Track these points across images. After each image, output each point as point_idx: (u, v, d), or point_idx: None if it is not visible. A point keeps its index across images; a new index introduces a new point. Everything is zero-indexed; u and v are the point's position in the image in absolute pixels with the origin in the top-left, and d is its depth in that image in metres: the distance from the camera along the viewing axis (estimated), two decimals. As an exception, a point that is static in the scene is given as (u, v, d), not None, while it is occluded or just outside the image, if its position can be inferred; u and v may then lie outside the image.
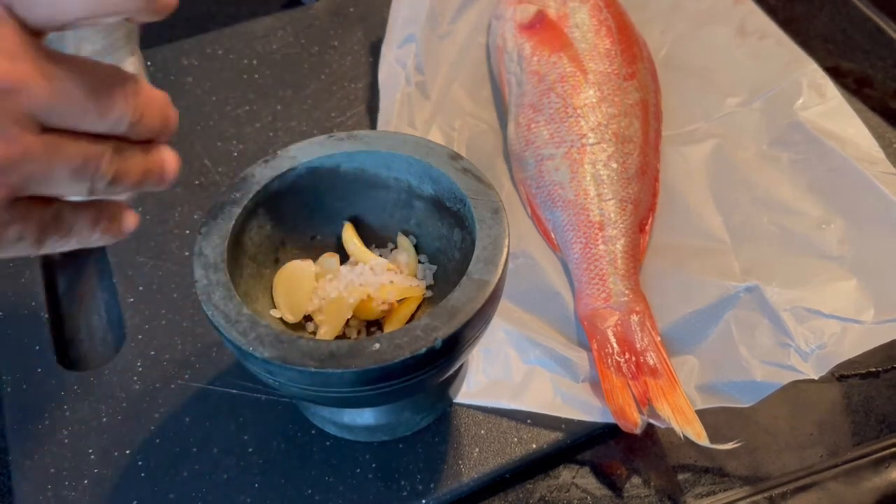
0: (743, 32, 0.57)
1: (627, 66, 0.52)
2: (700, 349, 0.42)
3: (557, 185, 0.48)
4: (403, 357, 0.31)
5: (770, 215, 0.47)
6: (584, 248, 0.46)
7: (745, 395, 0.40)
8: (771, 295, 0.43)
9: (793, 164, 0.49)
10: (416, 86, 0.54)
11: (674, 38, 0.59)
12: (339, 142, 0.39)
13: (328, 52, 0.61)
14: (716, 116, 0.53)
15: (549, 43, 0.53)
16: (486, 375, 0.42)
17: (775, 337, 0.41)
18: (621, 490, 0.40)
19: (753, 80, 0.54)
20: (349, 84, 0.59)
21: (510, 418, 0.41)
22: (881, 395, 0.43)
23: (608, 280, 0.44)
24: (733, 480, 0.40)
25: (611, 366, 0.41)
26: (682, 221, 0.48)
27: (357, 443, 0.41)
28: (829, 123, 0.50)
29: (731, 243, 0.46)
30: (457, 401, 0.42)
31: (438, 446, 0.41)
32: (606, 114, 0.50)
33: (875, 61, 0.59)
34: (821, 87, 0.52)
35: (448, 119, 0.54)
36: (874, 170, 0.47)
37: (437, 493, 0.39)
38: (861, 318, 0.41)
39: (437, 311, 0.32)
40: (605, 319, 0.43)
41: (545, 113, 0.50)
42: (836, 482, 0.40)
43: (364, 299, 0.38)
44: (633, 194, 0.47)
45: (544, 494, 0.40)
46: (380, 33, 0.57)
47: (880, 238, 0.44)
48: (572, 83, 0.51)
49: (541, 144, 0.50)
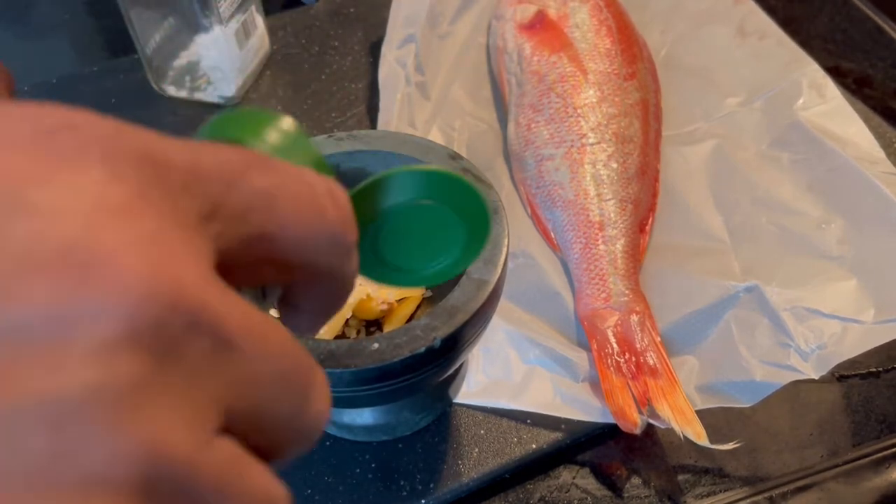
0: (743, 32, 0.57)
1: (627, 66, 0.52)
2: (700, 349, 0.42)
3: (557, 185, 0.48)
4: (403, 356, 0.31)
5: (770, 215, 0.47)
6: (584, 248, 0.46)
7: (745, 395, 0.40)
8: (771, 295, 0.43)
9: (793, 164, 0.49)
10: (417, 86, 0.54)
11: (674, 38, 0.59)
12: (339, 142, 0.39)
13: (328, 52, 0.61)
14: (716, 116, 0.53)
15: (550, 43, 0.53)
16: (486, 375, 0.42)
17: (775, 337, 0.41)
18: (621, 490, 0.40)
19: (753, 80, 0.54)
20: (349, 84, 0.59)
21: (510, 418, 0.41)
22: (881, 395, 0.43)
23: (608, 280, 0.44)
24: (733, 480, 0.40)
25: (611, 366, 0.41)
26: (682, 221, 0.48)
27: (356, 442, 0.41)
28: (830, 123, 0.50)
29: (731, 243, 0.46)
30: (456, 401, 0.42)
31: (438, 446, 0.41)
32: (606, 114, 0.50)
33: (875, 61, 0.59)
34: (821, 87, 0.52)
35: (448, 119, 0.54)
36: (874, 170, 0.47)
37: (436, 493, 0.39)
38: (861, 318, 0.41)
39: (436, 311, 0.32)
40: (605, 319, 0.43)
41: (545, 113, 0.50)
42: (836, 482, 0.40)
43: (363, 299, 0.38)
44: (633, 194, 0.47)
45: (544, 495, 0.40)
46: (380, 33, 0.57)
47: (881, 238, 0.44)
48: (572, 83, 0.51)
49: (541, 144, 0.50)
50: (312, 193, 0.17)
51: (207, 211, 0.14)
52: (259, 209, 0.15)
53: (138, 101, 0.57)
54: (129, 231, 0.12)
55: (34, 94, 0.58)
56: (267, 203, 0.16)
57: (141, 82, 0.58)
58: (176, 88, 0.58)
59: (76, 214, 0.12)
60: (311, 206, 0.17)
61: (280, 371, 0.15)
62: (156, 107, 0.57)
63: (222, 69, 0.55)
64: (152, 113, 0.57)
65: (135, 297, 0.12)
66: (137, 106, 0.57)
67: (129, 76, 0.58)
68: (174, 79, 0.57)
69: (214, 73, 0.56)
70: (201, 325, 0.13)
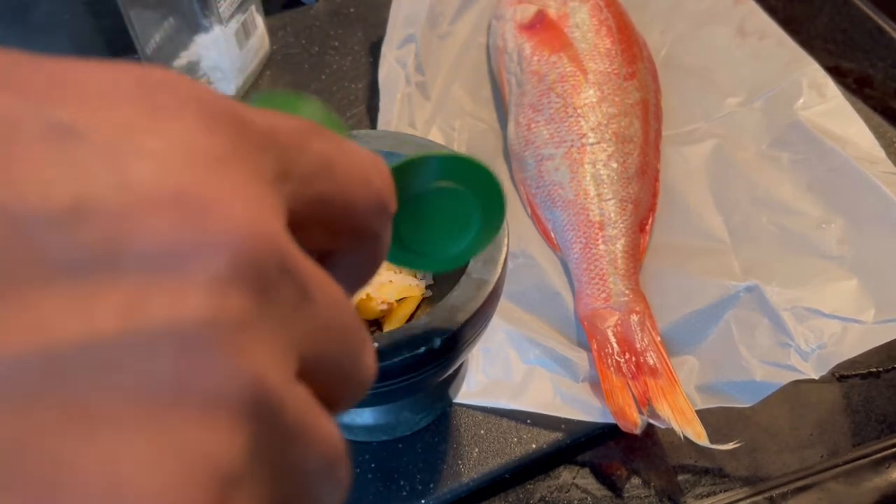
0: (743, 32, 0.57)
1: (627, 66, 0.52)
2: (700, 349, 0.42)
3: (557, 184, 0.48)
4: (402, 356, 0.31)
5: (770, 215, 0.47)
6: (584, 248, 0.46)
7: (745, 395, 0.40)
8: (771, 295, 0.43)
9: (793, 164, 0.49)
10: (417, 86, 0.54)
11: (674, 38, 0.59)
12: (338, 141, 0.39)
13: (328, 52, 0.61)
14: (716, 116, 0.53)
15: (550, 43, 0.53)
16: (486, 375, 0.42)
17: (775, 337, 0.41)
18: (621, 490, 0.40)
19: (754, 79, 0.54)
20: (349, 84, 0.59)
21: (510, 418, 0.41)
22: (881, 395, 0.43)
23: (608, 280, 0.44)
24: (733, 481, 0.40)
25: (611, 366, 0.41)
26: (682, 221, 0.48)
27: (356, 442, 0.41)
28: (830, 123, 0.50)
29: (731, 243, 0.46)
30: (456, 401, 0.42)
31: (438, 446, 0.41)
32: (606, 113, 0.49)
33: (875, 61, 0.59)
34: (821, 86, 0.52)
35: (448, 119, 0.54)
36: (875, 169, 0.47)
37: (436, 493, 0.39)
38: (861, 318, 0.41)
39: (436, 311, 0.32)
40: (605, 319, 0.43)
41: (545, 113, 0.50)
42: (836, 482, 0.40)
43: (363, 298, 0.38)
44: (633, 194, 0.47)
45: (544, 495, 0.40)
46: (380, 33, 0.57)
47: (881, 238, 0.44)
48: (572, 83, 0.51)
49: (541, 144, 0.50)
50: (363, 162, 0.18)
51: (281, 171, 0.15)
52: (322, 173, 0.17)
53: (138, 101, 0.57)
54: (228, 179, 0.13)
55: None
56: (328, 168, 0.17)
57: (141, 82, 0.57)
58: (176, 88, 0.57)
59: (184, 160, 0.13)
60: (362, 172, 0.18)
61: (344, 324, 0.16)
62: (156, 107, 0.57)
63: (222, 69, 0.55)
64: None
65: (238, 238, 0.13)
66: (137, 106, 0.57)
67: (129, 76, 0.58)
68: (174, 79, 0.57)
69: (214, 73, 0.56)
70: (291, 271, 0.14)
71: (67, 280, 0.12)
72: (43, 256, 0.12)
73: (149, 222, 0.12)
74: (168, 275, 0.12)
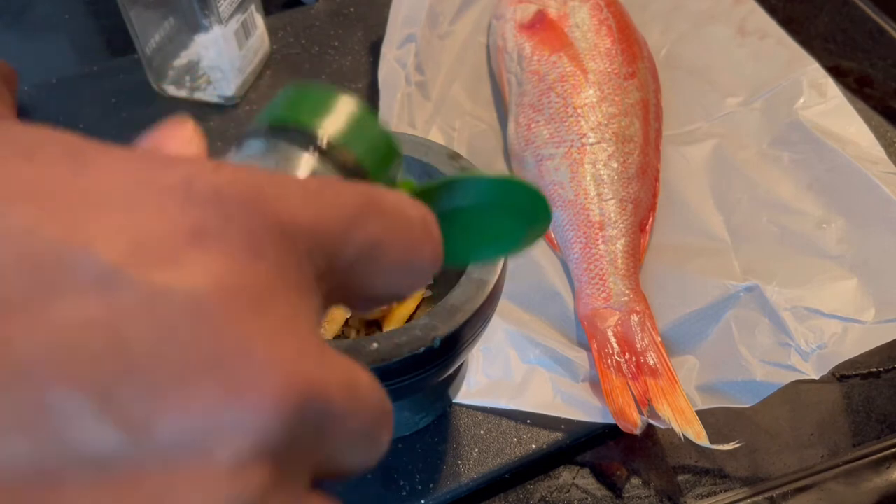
0: (743, 32, 0.57)
1: (628, 66, 0.52)
2: (700, 349, 0.42)
3: (557, 184, 0.48)
4: (402, 356, 0.31)
5: (770, 215, 0.47)
6: (584, 248, 0.46)
7: (746, 395, 0.40)
8: (771, 294, 0.42)
9: (793, 164, 0.49)
10: (417, 86, 0.54)
11: (674, 38, 0.59)
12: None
13: (328, 52, 0.61)
14: (716, 116, 0.53)
15: (550, 42, 0.53)
16: (486, 375, 0.42)
17: (775, 337, 0.41)
18: (621, 490, 0.40)
19: (754, 79, 0.54)
20: (349, 84, 0.59)
21: (510, 418, 0.41)
22: (882, 395, 0.43)
23: (608, 280, 0.44)
24: (733, 481, 0.40)
25: (611, 366, 0.41)
26: (683, 221, 0.48)
27: (356, 443, 0.41)
28: (830, 123, 0.50)
29: (731, 243, 0.46)
30: (456, 401, 0.42)
31: (438, 446, 0.41)
32: (607, 113, 0.49)
33: (875, 61, 0.59)
34: (821, 86, 0.52)
35: (448, 119, 0.54)
36: (875, 169, 0.47)
37: (436, 493, 0.39)
38: (862, 318, 0.41)
39: (436, 311, 0.32)
40: (605, 319, 0.43)
41: (545, 112, 0.50)
42: (836, 482, 0.40)
43: (363, 299, 0.38)
44: (633, 194, 0.47)
45: (544, 495, 0.40)
46: (380, 33, 0.57)
47: (881, 237, 0.44)
48: (572, 83, 0.51)
49: (541, 144, 0.50)
50: (412, 232, 0.17)
51: (323, 270, 0.15)
52: (365, 259, 0.16)
53: (138, 101, 0.57)
54: (267, 322, 0.13)
55: (34, 95, 0.58)
56: (373, 252, 0.16)
57: (141, 82, 0.58)
58: (176, 88, 0.57)
59: (224, 303, 0.12)
60: (410, 248, 0.17)
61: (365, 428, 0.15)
62: (155, 107, 0.57)
63: (222, 69, 0.55)
64: (152, 113, 0.57)
65: (269, 411, 0.12)
66: (137, 106, 0.57)
67: (129, 76, 0.58)
68: (174, 79, 0.57)
69: (214, 73, 0.56)
70: (323, 426, 0.14)
71: (93, 479, 0.11)
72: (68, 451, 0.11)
73: (178, 400, 0.12)
74: (192, 461, 0.12)
